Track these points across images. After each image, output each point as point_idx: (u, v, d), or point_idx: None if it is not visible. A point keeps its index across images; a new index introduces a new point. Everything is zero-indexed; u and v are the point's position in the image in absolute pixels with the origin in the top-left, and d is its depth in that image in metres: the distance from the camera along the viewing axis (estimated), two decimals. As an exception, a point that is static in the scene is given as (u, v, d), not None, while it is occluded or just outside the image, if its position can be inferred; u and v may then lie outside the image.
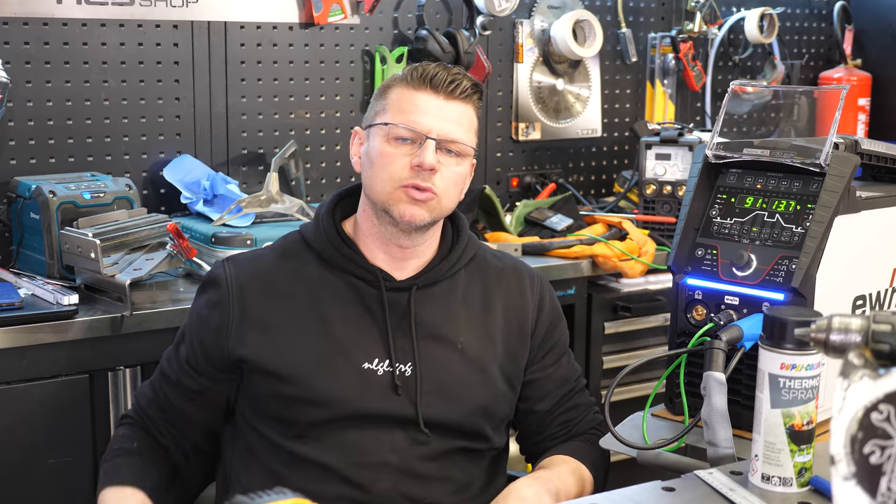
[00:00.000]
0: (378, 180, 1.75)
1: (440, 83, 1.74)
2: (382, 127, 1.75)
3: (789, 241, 1.65)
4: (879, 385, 0.91)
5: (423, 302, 1.78)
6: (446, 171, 1.74)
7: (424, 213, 1.73)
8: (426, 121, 1.73)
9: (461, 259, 1.83)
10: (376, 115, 1.78)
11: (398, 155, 1.73)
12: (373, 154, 1.76)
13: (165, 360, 1.84)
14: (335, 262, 1.78)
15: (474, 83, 1.78)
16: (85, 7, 2.67)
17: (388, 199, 1.73)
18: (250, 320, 1.75)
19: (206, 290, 1.81)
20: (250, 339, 1.74)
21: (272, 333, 1.74)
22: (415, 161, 1.71)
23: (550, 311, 1.89)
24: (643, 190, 3.10)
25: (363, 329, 1.75)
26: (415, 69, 1.77)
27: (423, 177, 1.71)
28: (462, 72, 1.78)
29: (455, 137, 1.74)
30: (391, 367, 1.74)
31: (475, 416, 1.78)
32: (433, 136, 1.72)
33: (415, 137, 1.73)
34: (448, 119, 1.74)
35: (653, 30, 3.69)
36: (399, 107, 1.75)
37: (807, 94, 3.65)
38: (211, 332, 1.76)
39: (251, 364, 1.73)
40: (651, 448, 1.61)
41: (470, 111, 1.78)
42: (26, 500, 2.16)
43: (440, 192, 1.73)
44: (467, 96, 1.77)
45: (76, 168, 2.68)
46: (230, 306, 1.76)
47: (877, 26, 4.05)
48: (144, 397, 1.85)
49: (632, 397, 2.81)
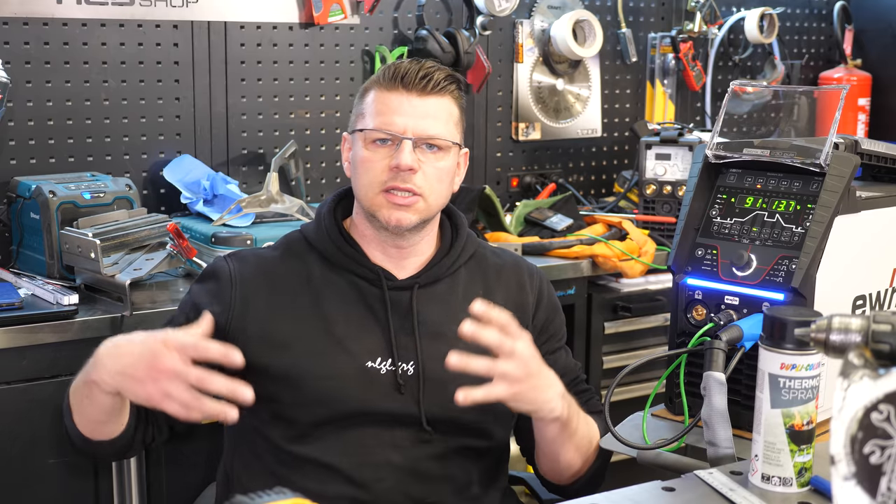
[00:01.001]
0: (361, 186, 1.76)
1: (411, 80, 1.74)
2: (360, 133, 1.77)
3: (789, 241, 1.65)
4: (879, 385, 0.91)
5: (424, 300, 1.78)
6: (428, 168, 1.74)
7: (410, 216, 1.73)
8: (400, 121, 1.73)
9: (461, 256, 1.83)
10: (357, 120, 1.80)
11: (377, 158, 1.74)
12: (356, 160, 1.78)
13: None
14: (337, 262, 1.78)
15: (449, 74, 1.77)
16: (85, 7, 2.67)
17: (372, 204, 1.74)
18: (252, 317, 1.75)
19: (206, 281, 1.80)
20: (251, 337, 1.73)
21: (274, 332, 1.74)
22: (392, 163, 1.72)
23: (548, 304, 1.90)
24: (643, 190, 3.10)
25: (366, 328, 1.75)
26: (387, 69, 1.78)
27: (403, 178, 1.72)
28: (436, 65, 1.78)
29: (432, 133, 1.74)
30: (394, 365, 1.74)
31: (478, 414, 1.77)
32: (408, 135, 1.72)
33: (391, 139, 1.73)
34: (423, 116, 1.74)
35: (653, 30, 3.69)
36: (375, 110, 1.76)
37: (807, 94, 3.65)
38: (212, 311, 1.73)
39: (252, 362, 1.73)
40: (651, 448, 1.61)
41: (447, 103, 1.77)
42: (26, 499, 2.16)
43: (424, 192, 1.73)
44: (441, 89, 1.76)
45: (76, 168, 2.68)
46: (232, 299, 1.75)
47: (877, 26, 4.05)
48: None
49: (632, 397, 2.81)
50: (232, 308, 1.75)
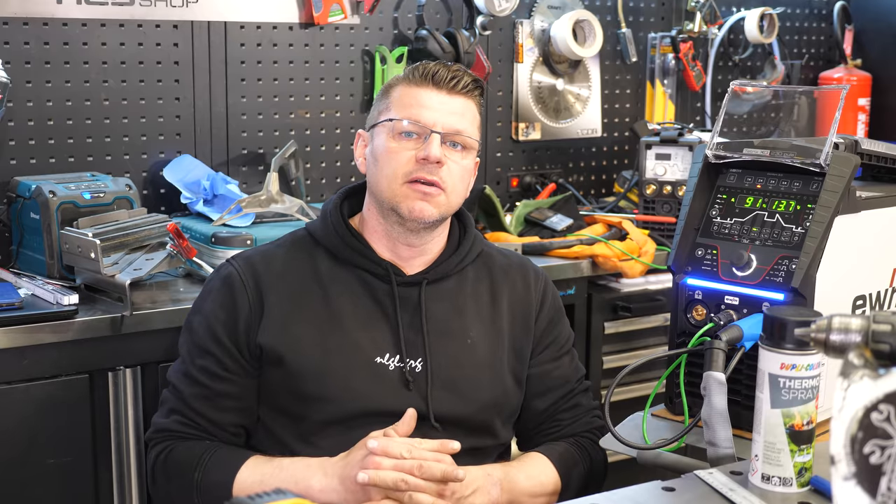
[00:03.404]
0: (383, 176, 1.75)
1: (442, 79, 1.77)
2: (387, 123, 1.77)
3: (789, 241, 1.65)
4: (879, 385, 0.91)
5: (432, 297, 1.79)
6: (452, 165, 1.75)
7: (432, 209, 1.74)
8: (430, 115, 1.75)
9: (469, 254, 1.84)
10: (380, 114, 1.80)
11: (403, 150, 1.75)
12: (378, 151, 1.77)
13: (183, 378, 1.77)
14: (345, 257, 1.79)
15: (475, 79, 1.81)
16: (85, 7, 2.67)
17: (395, 195, 1.74)
18: (267, 314, 1.75)
19: (218, 292, 1.78)
20: (268, 332, 1.74)
21: (286, 329, 1.74)
22: (420, 154, 1.73)
23: (551, 307, 1.90)
24: (643, 190, 3.10)
25: (374, 323, 1.76)
26: (416, 68, 1.80)
27: (429, 170, 1.73)
28: (462, 68, 1.81)
29: (459, 129, 1.76)
30: (402, 362, 1.74)
31: (485, 411, 1.78)
32: (438, 129, 1.74)
33: (420, 131, 1.75)
34: (451, 113, 1.76)
35: (653, 30, 3.68)
36: (402, 103, 1.77)
37: (807, 94, 3.65)
38: (230, 327, 1.75)
39: (267, 355, 1.74)
40: (651, 448, 1.61)
41: (472, 106, 1.80)
42: (26, 500, 2.16)
43: (447, 187, 1.74)
44: (469, 91, 1.79)
45: (76, 168, 2.68)
46: (249, 303, 1.75)
47: (877, 26, 4.05)
48: (180, 423, 1.77)
49: (632, 397, 2.81)
50: (251, 311, 1.75)
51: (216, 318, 1.76)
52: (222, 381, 1.75)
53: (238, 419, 1.77)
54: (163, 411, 1.80)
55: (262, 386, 1.77)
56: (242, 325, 1.75)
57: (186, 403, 1.76)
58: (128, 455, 2.25)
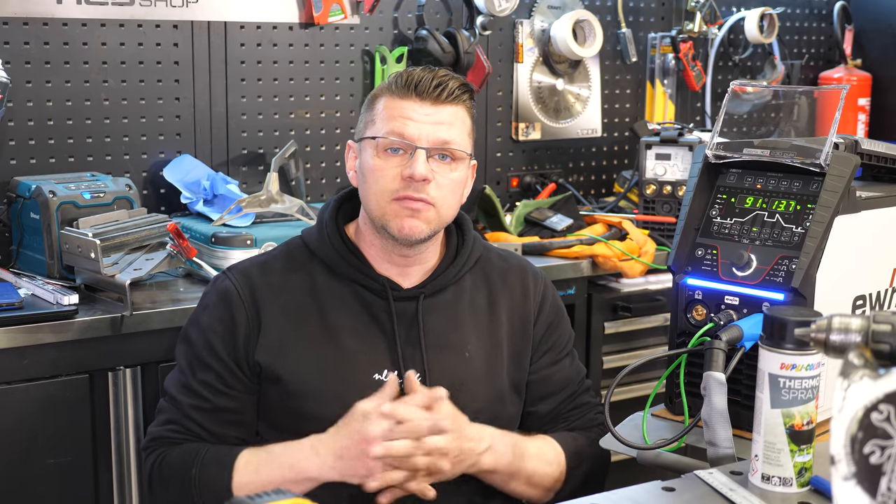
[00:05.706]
0: (371, 195, 1.71)
1: (425, 88, 1.69)
2: (371, 140, 1.71)
3: (789, 241, 1.65)
4: (879, 385, 0.91)
5: (430, 310, 1.77)
6: (441, 179, 1.70)
7: (423, 226, 1.69)
8: (414, 129, 1.68)
9: (467, 263, 1.81)
10: (366, 128, 1.75)
11: (389, 167, 1.69)
12: (365, 168, 1.72)
13: (182, 389, 1.75)
14: (341, 272, 1.75)
15: (462, 83, 1.73)
16: (85, 7, 2.67)
17: (384, 214, 1.70)
18: (263, 333, 1.73)
19: (215, 307, 1.75)
20: (265, 349, 1.72)
21: (283, 348, 1.72)
22: (406, 172, 1.67)
23: (551, 311, 1.88)
24: (643, 190, 3.10)
25: (371, 340, 1.74)
26: (399, 76, 1.73)
27: (416, 187, 1.67)
28: (449, 73, 1.73)
29: (446, 140, 1.70)
30: (400, 377, 1.72)
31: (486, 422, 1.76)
32: (423, 144, 1.68)
33: (405, 147, 1.69)
34: (438, 123, 1.69)
35: (653, 30, 3.69)
36: (386, 116, 1.71)
37: (807, 94, 3.64)
38: (228, 342, 1.73)
39: (265, 373, 1.72)
40: (651, 448, 1.61)
41: (460, 112, 1.73)
42: (26, 500, 2.16)
43: (437, 203, 1.69)
44: (455, 98, 1.71)
45: (76, 168, 2.68)
46: (247, 318, 1.72)
47: (877, 26, 4.05)
48: (178, 433, 1.75)
49: (632, 397, 2.81)
50: (249, 326, 1.73)
51: (214, 333, 1.74)
52: (223, 395, 1.73)
53: (237, 433, 1.75)
54: (159, 421, 1.78)
55: (261, 402, 1.75)
56: (241, 340, 1.72)
57: (185, 414, 1.74)
58: (128, 455, 2.25)
